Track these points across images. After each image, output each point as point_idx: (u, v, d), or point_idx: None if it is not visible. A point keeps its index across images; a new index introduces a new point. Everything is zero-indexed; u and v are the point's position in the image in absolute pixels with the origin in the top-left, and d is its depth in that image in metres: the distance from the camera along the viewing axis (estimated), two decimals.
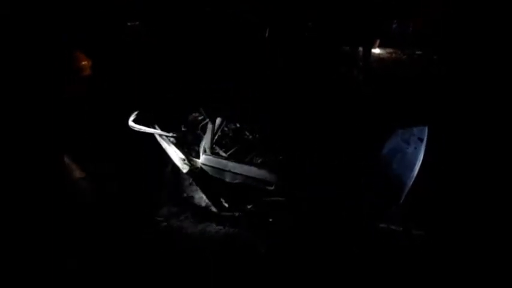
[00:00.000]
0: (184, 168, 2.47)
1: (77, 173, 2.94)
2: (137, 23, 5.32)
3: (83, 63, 3.14)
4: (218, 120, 2.62)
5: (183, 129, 2.75)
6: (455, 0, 5.64)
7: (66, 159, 2.91)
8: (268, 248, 2.44)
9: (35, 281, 2.26)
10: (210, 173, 2.40)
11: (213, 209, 2.78)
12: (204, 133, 2.59)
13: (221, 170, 2.34)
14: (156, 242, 2.59)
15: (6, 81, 3.10)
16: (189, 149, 2.62)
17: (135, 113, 2.54)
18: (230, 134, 2.78)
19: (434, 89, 4.30)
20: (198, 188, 2.82)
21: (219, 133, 2.62)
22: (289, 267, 2.32)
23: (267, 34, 5.21)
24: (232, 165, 2.31)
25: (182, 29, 5.27)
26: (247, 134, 2.80)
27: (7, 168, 2.80)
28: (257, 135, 2.78)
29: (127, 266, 2.38)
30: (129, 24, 5.35)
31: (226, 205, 2.70)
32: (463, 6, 5.48)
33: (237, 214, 2.70)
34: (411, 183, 2.10)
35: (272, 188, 2.24)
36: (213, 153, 2.44)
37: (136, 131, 2.48)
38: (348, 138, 2.54)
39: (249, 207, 2.63)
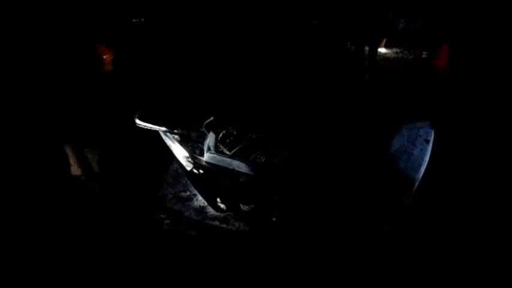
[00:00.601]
0: (188, 166, 2.47)
1: (83, 170, 2.93)
2: (142, 19, 5.30)
3: (105, 56, 3.06)
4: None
5: (187, 126, 2.75)
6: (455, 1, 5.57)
7: (72, 156, 2.90)
8: (269, 247, 2.44)
9: (35, 279, 2.28)
10: (214, 171, 2.39)
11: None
12: (209, 131, 2.58)
13: (225, 169, 2.33)
14: (158, 239, 2.60)
15: (8, 78, 3.09)
16: (193, 147, 2.62)
17: (141, 110, 2.54)
18: (234, 133, 2.77)
19: (439, 90, 4.25)
20: None
21: (223, 131, 2.61)
22: (291, 267, 2.31)
23: (268, 32, 5.19)
24: (236, 164, 2.30)
25: (183, 28, 5.26)
26: (252, 132, 2.78)
27: (9, 165, 2.82)
28: (261, 134, 2.76)
29: (128, 264, 2.38)
30: (133, 20, 5.34)
31: (223, 206, 2.70)
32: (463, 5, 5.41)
33: (238, 214, 2.69)
34: (417, 185, 2.08)
35: (276, 187, 2.23)
36: (217, 151, 2.43)
37: (140, 128, 2.48)
38: (352, 138, 2.52)
39: (245, 208, 2.63)
